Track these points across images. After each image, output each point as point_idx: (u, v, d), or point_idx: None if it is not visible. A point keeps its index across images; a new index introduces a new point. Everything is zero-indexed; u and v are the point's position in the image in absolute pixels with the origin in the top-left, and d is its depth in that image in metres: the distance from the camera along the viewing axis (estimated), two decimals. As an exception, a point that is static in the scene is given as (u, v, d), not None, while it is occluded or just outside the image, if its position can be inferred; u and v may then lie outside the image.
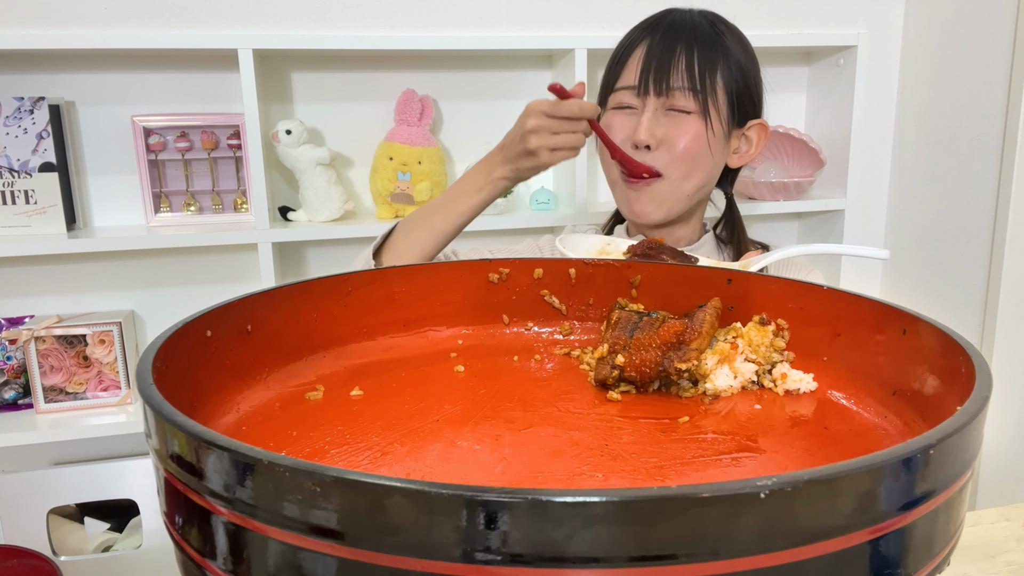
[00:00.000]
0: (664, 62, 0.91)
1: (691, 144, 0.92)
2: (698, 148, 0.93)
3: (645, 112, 0.93)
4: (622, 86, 0.95)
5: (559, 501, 0.23)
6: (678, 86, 0.91)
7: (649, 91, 0.92)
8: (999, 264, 1.56)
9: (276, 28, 1.50)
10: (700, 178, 0.96)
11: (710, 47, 0.92)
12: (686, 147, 0.92)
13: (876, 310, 0.47)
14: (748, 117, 0.97)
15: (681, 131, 0.92)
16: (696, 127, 0.92)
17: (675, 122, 0.92)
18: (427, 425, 0.45)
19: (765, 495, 0.24)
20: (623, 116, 0.95)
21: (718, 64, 0.92)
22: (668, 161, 0.93)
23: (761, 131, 0.99)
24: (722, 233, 1.08)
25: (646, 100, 0.93)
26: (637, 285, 0.61)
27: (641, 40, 0.93)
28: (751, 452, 0.42)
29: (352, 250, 1.64)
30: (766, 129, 0.99)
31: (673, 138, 0.92)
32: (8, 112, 1.37)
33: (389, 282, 0.59)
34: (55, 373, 1.44)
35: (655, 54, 0.91)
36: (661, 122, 0.93)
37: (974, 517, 0.80)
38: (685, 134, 0.92)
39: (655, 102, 0.92)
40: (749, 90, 0.96)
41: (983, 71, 1.58)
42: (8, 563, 1.04)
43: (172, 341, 0.41)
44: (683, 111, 0.92)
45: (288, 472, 0.26)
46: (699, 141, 0.92)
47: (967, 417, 0.29)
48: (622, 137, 0.94)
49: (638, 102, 0.93)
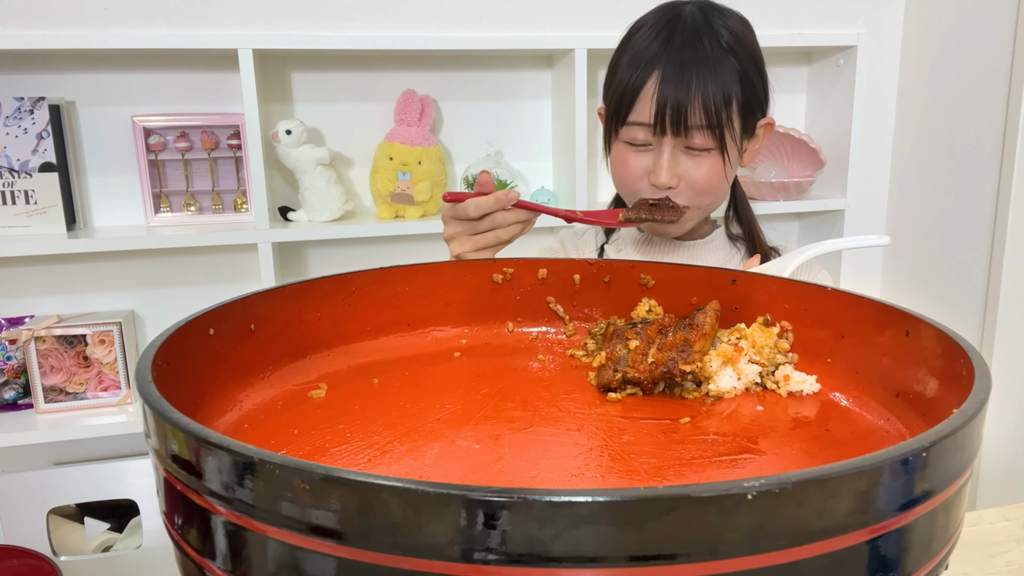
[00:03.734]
0: (680, 102, 0.88)
1: (712, 179, 0.92)
2: (718, 181, 0.92)
3: (663, 152, 0.90)
4: (636, 121, 0.91)
5: (547, 500, 0.23)
6: (696, 125, 0.88)
7: (667, 132, 0.89)
8: (999, 264, 1.56)
9: (276, 28, 1.50)
10: (720, 200, 0.98)
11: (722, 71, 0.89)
12: (708, 182, 0.92)
13: (879, 312, 0.47)
14: (756, 120, 0.97)
15: (701, 168, 0.91)
16: (715, 163, 0.91)
17: (694, 160, 0.91)
18: (427, 424, 0.45)
19: (753, 496, 0.24)
20: (638, 153, 0.93)
21: (732, 88, 0.90)
22: (690, 196, 0.93)
23: (767, 127, 0.99)
24: (732, 227, 1.08)
25: (663, 139, 0.90)
26: (649, 285, 0.60)
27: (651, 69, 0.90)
28: (751, 454, 0.42)
29: (352, 250, 1.64)
30: (772, 124, 1.00)
31: (693, 176, 0.91)
32: (8, 112, 1.37)
33: (393, 282, 0.59)
34: (55, 373, 1.44)
35: (669, 90, 0.88)
36: (680, 160, 0.91)
37: (974, 517, 0.80)
38: (705, 170, 0.91)
39: (672, 141, 0.90)
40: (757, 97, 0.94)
41: (983, 71, 1.58)
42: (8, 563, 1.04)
43: (173, 340, 0.41)
44: (702, 149, 0.90)
45: (279, 470, 0.26)
46: (719, 176, 0.92)
47: (963, 419, 0.29)
48: (638, 173, 0.93)
49: (653, 139, 0.91)
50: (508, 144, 1.66)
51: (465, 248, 0.85)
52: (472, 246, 0.84)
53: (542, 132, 1.69)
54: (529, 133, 1.69)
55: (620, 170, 0.95)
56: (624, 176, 0.95)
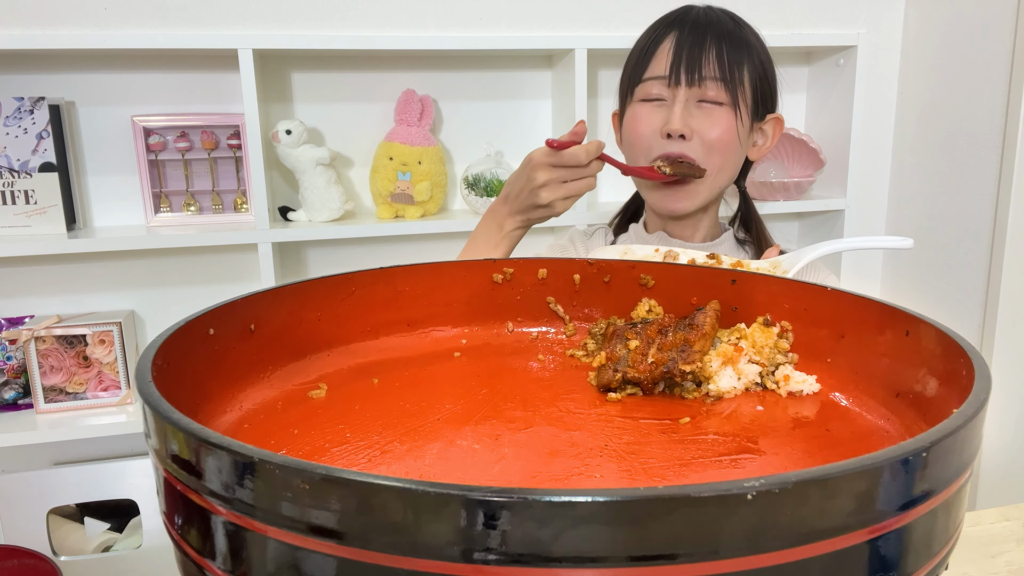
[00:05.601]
0: (695, 52, 0.91)
1: (724, 135, 0.92)
2: (731, 139, 0.93)
3: (676, 103, 0.92)
4: (651, 76, 0.94)
5: (547, 500, 0.23)
6: (710, 76, 0.91)
7: (681, 81, 0.91)
8: (999, 264, 1.56)
9: (276, 28, 1.50)
10: (730, 170, 0.97)
11: (736, 40, 0.92)
12: (720, 137, 0.92)
13: (880, 312, 0.47)
14: (767, 111, 0.98)
15: (714, 121, 0.92)
16: (728, 118, 0.92)
17: (707, 113, 0.92)
18: (427, 424, 0.45)
19: (753, 496, 0.24)
20: (651, 108, 0.94)
21: (744, 57, 0.93)
22: (702, 152, 0.93)
23: (777, 125, 1.00)
24: (739, 232, 1.09)
25: (677, 91, 0.92)
26: (649, 285, 0.60)
27: (667, 34, 0.93)
28: (751, 454, 0.42)
29: (352, 250, 1.64)
30: (781, 123, 1.00)
31: (706, 129, 0.92)
32: (8, 112, 1.37)
33: (393, 282, 0.59)
34: (55, 373, 1.44)
35: (685, 45, 0.91)
36: (693, 113, 0.92)
37: (974, 517, 0.80)
38: (718, 125, 0.92)
39: (686, 92, 0.92)
40: (768, 83, 0.97)
41: (983, 71, 1.58)
42: (8, 563, 1.04)
43: (173, 339, 0.41)
44: (715, 102, 0.92)
45: (279, 470, 0.26)
46: (731, 132, 0.93)
47: (963, 419, 0.29)
48: (652, 129, 0.94)
49: (668, 93, 0.93)
50: (508, 144, 1.66)
51: (557, 195, 0.89)
52: (564, 193, 0.89)
53: (542, 132, 1.69)
54: (529, 133, 1.69)
55: (632, 128, 0.96)
56: (636, 133, 0.95)
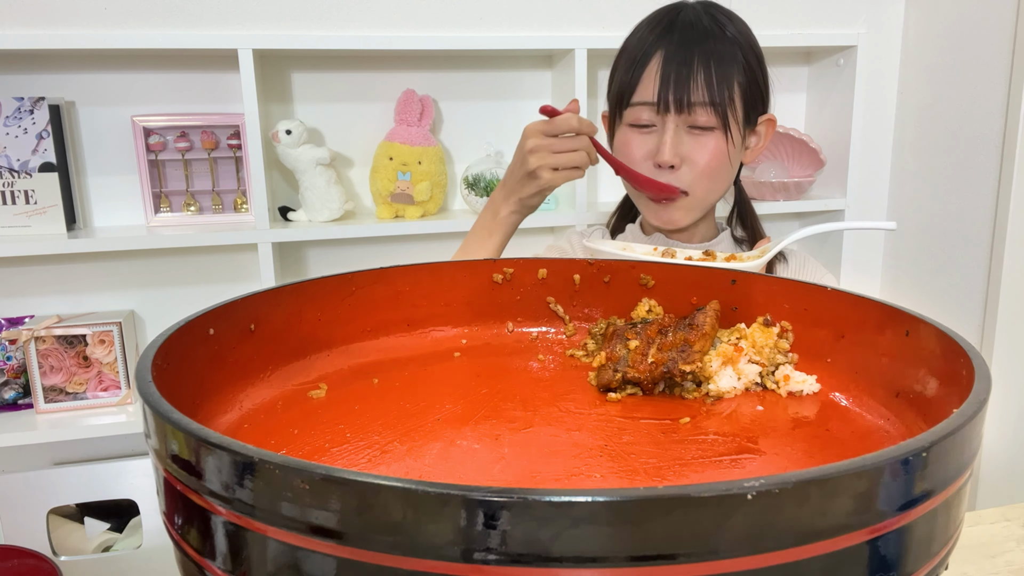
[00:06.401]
0: (683, 77, 0.88)
1: (714, 161, 0.91)
2: (720, 163, 0.92)
3: (666, 131, 0.91)
4: (639, 101, 0.92)
5: (547, 500, 0.23)
6: (699, 101, 0.89)
7: (670, 109, 0.90)
8: (999, 264, 1.56)
9: (276, 28, 1.50)
10: (722, 188, 0.97)
11: (726, 56, 0.90)
12: (709, 164, 0.91)
13: (880, 312, 0.47)
14: (759, 115, 0.98)
15: (704, 149, 0.91)
16: (718, 143, 0.91)
17: (697, 140, 0.91)
18: (427, 424, 0.45)
19: (753, 496, 0.24)
20: (641, 135, 0.93)
21: (733, 71, 0.90)
22: (692, 179, 0.92)
23: (769, 126, 1.00)
24: (737, 230, 1.08)
25: (666, 118, 0.91)
26: (649, 285, 0.60)
27: (655, 49, 0.91)
28: (751, 454, 0.42)
29: (352, 250, 1.64)
30: (774, 123, 1.00)
31: (696, 156, 0.91)
32: (8, 112, 1.37)
33: (393, 282, 0.59)
34: (55, 373, 1.44)
35: (672, 67, 0.89)
36: (683, 140, 0.91)
37: (974, 517, 0.80)
38: (708, 151, 0.91)
39: (675, 119, 0.90)
40: (759, 88, 0.95)
41: (983, 71, 1.58)
42: (8, 563, 1.04)
43: (173, 340, 0.41)
44: (705, 127, 0.91)
45: (279, 470, 0.26)
46: (721, 157, 0.91)
47: (963, 419, 0.29)
48: (642, 155, 0.93)
49: (657, 119, 0.92)
50: (508, 144, 1.66)
51: (546, 162, 0.90)
52: (553, 161, 0.90)
53: (542, 132, 1.69)
54: (529, 133, 1.68)
55: (624, 154, 0.95)
56: (628, 160, 0.95)
